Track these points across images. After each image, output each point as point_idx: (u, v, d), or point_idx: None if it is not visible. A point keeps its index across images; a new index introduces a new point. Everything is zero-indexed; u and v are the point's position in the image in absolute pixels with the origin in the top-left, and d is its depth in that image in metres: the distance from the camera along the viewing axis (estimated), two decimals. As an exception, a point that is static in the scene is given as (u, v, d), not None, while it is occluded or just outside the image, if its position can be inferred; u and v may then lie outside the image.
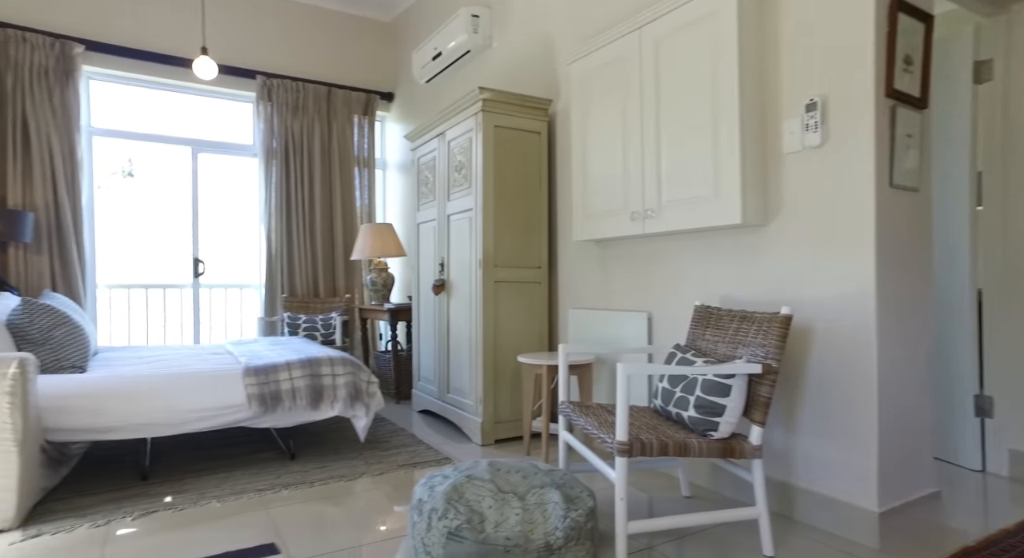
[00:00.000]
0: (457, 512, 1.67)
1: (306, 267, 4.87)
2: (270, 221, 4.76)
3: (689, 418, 1.90)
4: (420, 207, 3.81)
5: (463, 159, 3.23)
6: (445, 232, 3.44)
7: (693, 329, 2.25)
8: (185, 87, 4.56)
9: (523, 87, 3.54)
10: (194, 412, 2.44)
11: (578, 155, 2.88)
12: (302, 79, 4.85)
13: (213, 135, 4.76)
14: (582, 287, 3.10)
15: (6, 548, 1.87)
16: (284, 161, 4.79)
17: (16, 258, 3.85)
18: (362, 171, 5.18)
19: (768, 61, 2.18)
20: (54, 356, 2.46)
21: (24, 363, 1.99)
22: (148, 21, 4.33)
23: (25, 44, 3.88)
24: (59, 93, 3.99)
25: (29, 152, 3.91)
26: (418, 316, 3.84)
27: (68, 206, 3.99)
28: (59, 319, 2.51)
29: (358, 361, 2.90)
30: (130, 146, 4.49)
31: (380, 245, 4.45)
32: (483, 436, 3.05)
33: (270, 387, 2.59)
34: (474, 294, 3.12)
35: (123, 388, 2.35)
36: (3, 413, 1.94)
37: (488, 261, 3.06)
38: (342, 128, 5.04)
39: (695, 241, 2.48)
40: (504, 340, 3.12)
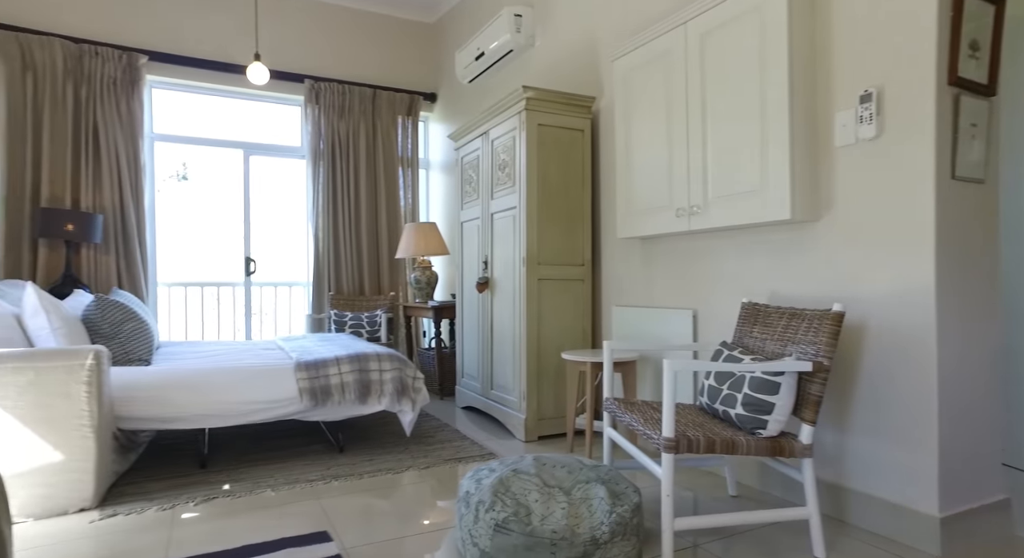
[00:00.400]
0: (504, 505, 1.69)
1: (352, 265, 4.99)
2: (317, 220, 4.90)
3: (736, 416, 1.87)
4: (464, 206, 3.86)
5: (507, 158, 3.26)
6: (489, 230, 3.48)
7: (740, 326, 2.21)
8: (238, 92, 4.74)
9: (566, 85, 3.55)
10: (250, 404, 2.54)
11: (622, 152, 2.87)
12: (348, 82, 4.97)
13: (263, 138, 4.94)
14: (626, 284, 3.09)
15: (86, 526, 2.00)
16: (331, 162, 4.92)
17: (87, 258, 4.08)
18: (406, 171, 5.27)
19: (819, 53, 2.13)
20: (123, 349, 2.61)
21: (99, 355, 2.12)
22: (205, 31, 4.52)
23: (97, 58, 4.11)
24: (125, 102, 4.21)
25: (99, 158, 4.14)
26: (462, 314, 3.90)
27: (132, 208, 4.21)
28: (128, 315, 2.65)
29: (404, 357, 2.96)
30: (185, 150, 4.70)
31: (424, 244, 4.53)
32: (526, 433, 3.07)
33: (320, 381, 2.68)
34: (518, 292, 3.15)
35: (185, 381, 2.47)
36: (81, 401, 2.07)
37: (532, 259, 3.08)
38: (386, 129, 5.15)
39: (741, 237, 2.44)
40: (547, 337, 3.14)
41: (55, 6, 4.09)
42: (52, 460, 2.05)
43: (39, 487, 2.04)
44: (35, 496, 2.04)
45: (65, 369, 2.05)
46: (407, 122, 5.27)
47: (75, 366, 2.07)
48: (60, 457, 2.06)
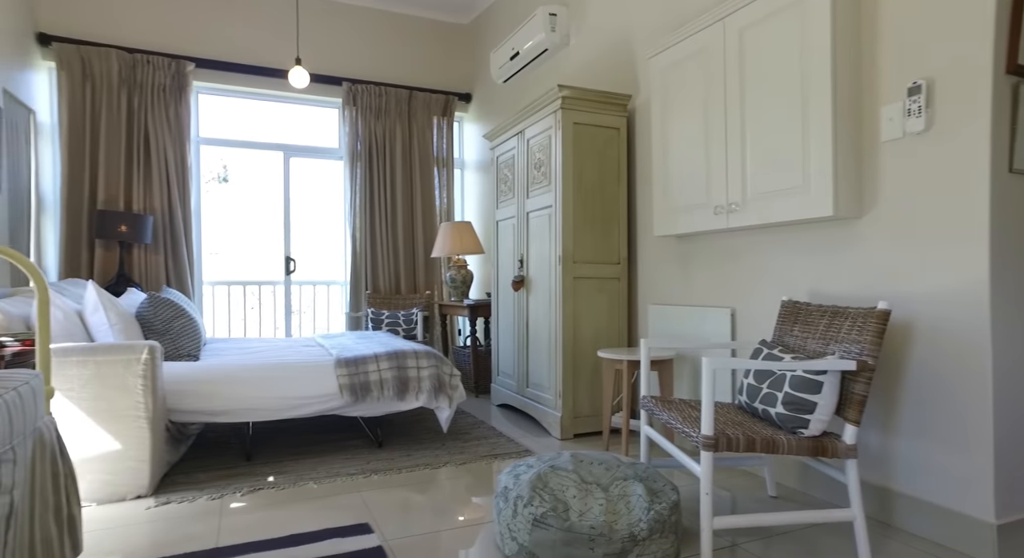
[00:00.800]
0: (542, 500, 1.71)
1: (388, 264, 5.07)
2: (354, 220, 5.00)
3: (777, 415, 1.85)
4: (499, 205, 3.89)
5: (542, 157, 3.27)
6: (524, 229, 3.50)
7: (780, 325, 2.18)
8: (278, 96, 4.87)
9: (601, 83, 3.54)
10: (292, 399, 2.62)
11: (658, 150, 2.85)
12: (385, 84, 5.06)
13: (303, 140, 5.06)
14: (662, 282, 3.07)
15: (143, 512, 2.09)
16: (367, 163, 5.02)
17: (139, 257, 4.25)
18: (441, 171, 5.34)
19: (864, 45, 2.08)
20: (174, 345, 2.72)
21: (153, 350, 2.22)
22: (248, 38, 4.66)
23: (149, 66, 4.28)
24: (174, 107, 4.38)
25: (150, 162, 4.31)
26: (497, 312, 3.93)
27: (180, 209, 4.37)
28: (178, 312, 2.76)
29: (441, 354, 3.01)
30: (228, 153, 4.86)
31: (459, 243, 4.58)
32: (562, 430, 3.08)
33: (360, 378, 2.74)
34: (553, 290, 3.16)
35: (231, 376, 2.56)
36: (137, 394, 2.18)
37: (567, 257, 3.09)
38: (422, 129, 5.22)
39: (781, 235, 2.40)
40: (583, 336, 3.14)
41: (112, 19, 4.28)
42: (112, 449, 2.15)
43: (101, 473, 2.15)
44: (97, 482, 2.14)
45: (122, 363, 2.16)
46: (442, 122, 5.33)
47: (131, 360, 2.17)
48: (119, 446, 2.16)
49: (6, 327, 2.25)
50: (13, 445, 1.34)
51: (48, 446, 1.54)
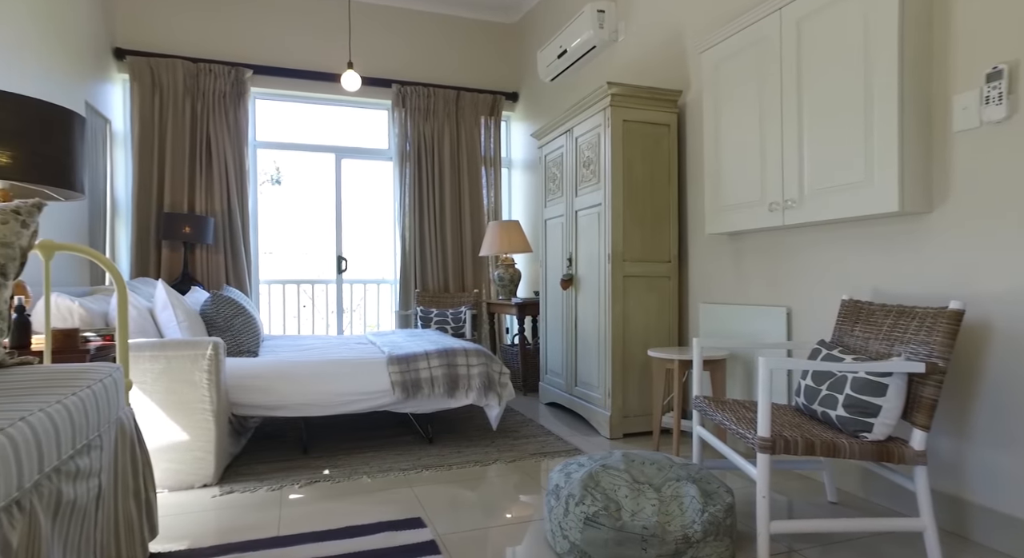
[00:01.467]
0: (594, 499, 1.71)
1: (437, 263, 5.14)
2: (404, 220, 5.09)
3: (837, 418, 1.78)
4: (547, 203, 3.89)
5: (591, 155, 3.25)
6: (573, 228, 3.49)
7: (840, 325, 2.10)
8: (330, 99, 5.01)
9: (650, 79, 3.49)
10: (346, 395, 2.69)
11: (710, 146, 2.79)
12: (433, 85, 5.13)
13: (354, 142, 5.18)
14: (714, 281, 3.01)
15: (209, 500, 2.20)
16: (416, 163, 5.10)
17: (201, 257, 4.45)
18: (488, 170, 5.37)
19: (936, 31, 1.98)
20: (235, 341, 2.84)
21: (217, 346, 2.32)
22: (302, 43, 4.81)
23: (210, 74, 4.48)
24: (233, 113, 4.56)
25: (211, 166, 4.51)
26: (545, 310, 3.93)
27: (238, 211, 4.55)
28: (238, 310, 2.88)
29: (490, 352, 3.03)
30: (282, 155, 5.03)
31: (507, 241, 4.60)
32: (611, 430, 3.06)
33: (411, 375, 2.79)
34: (603, 289, 3.14)
35: (288, 372, 2.65)
36: (202, 388, 2.28)
37: (617, 256, 3.06)
38: (469, 129, 5.26)
39: (841, 231, 2.31)
40: (633, 334, 3.11)
41: (179, 31, 4.49)
42: (181, 439, 2.27)
43: (171, 462, 2.26)
44: (168, 470, 2.26)
45: (190, 358, 2.27)
46: (489, 122, 5.36)
47: (197, 356, 2.28)
48: (187, 437, 2.27)
49: (89, 323, 2.39)
50: (100, 432, 1.43)
51: (128, 434, 1.63)
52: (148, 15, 4.44)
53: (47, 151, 1.89)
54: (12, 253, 1.55)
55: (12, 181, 1.83)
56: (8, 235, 1.54)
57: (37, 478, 1.09)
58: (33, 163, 1.86)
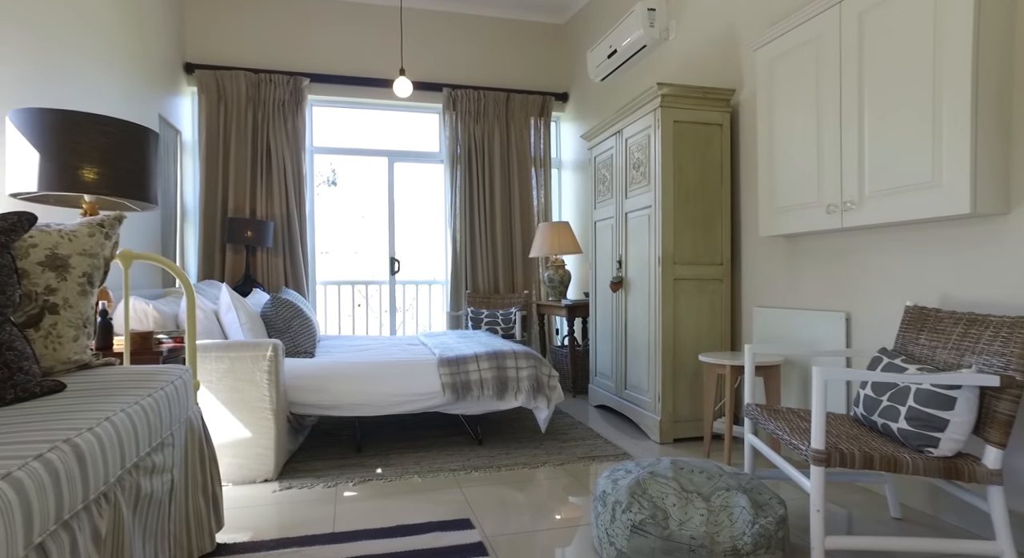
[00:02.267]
0: (641, 507, 1.70)
1: (487, 264, 5.20)
2: (454, 222, 5.16)
3: (899, 431, 1.71)
4: (597, 205, 3.87)
5: (641, 156, 3.22)
6: (623, 230, 3.46)
7: (904, 332, 2.01)
8: (383, 104, 5.13)
9: (702, 78, 3.42)
10: (397, 396, 2.76)
11: (764, 146, 2.72)
12: (483, 87, 5.18)
13: (406, 145, 5.30)
14: (768, 284, 2.93)
15: (270, 495, 2.31)
16: (467, 165, 5.16)
17: (262, 260, 4.66)
18: (538, 171, 5.39)
19: (1019, 19, 1.87)
20: (292, 342, 2.96)
21: (276, 348, 2.43)
22: (357, 52, 4.96)
23: (270, 84, 4.68)
24: (292, 120, 4.75)
25: (271, 172, 4.71)
26: (595, 312, 3.91)
27: (296, 215, 4.73)
28: (296, 312, 3.01)
29: (539, 355, 3.05)
30: (337, 160, 5.19)
31: (557, 243, 4.60)
32: (661, 434, 3.03)
33: (461, 377, 2.84)
34: (653, 292, 3.10)
35: (342, 373, 2.75)
36: (263, 387, 2.40)
37: (667, 259, 3.02)
38: (519, 130, 5.29)
39: (905, 234, 2.21)
40: (684, 338, 3.06)
41: (240, 44, 4.71)
42: (244, 436, 2.39)
43: (235, 457, 2.39)
44: (233, 465, 2.39)
45: (251, 359, 2.38)
46: (539, 123, 5.37)
47: (259, 356, 2.39)
48: (249, 434, 2.39)
49: (161, 325, 2.55)
50: (172, 431, 1.53)
51: (196, 433, 1.74)
52: (215, 31, 4.67)
53: (126, 166, 2.03)
54: (97, 263, 1.68)
55: (98, 195, 1.98)
56: (94, 247, 1.66)
57: (120, 473, 1.19)
58: (115, 178, 2.00)
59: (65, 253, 1.60)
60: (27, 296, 1.55)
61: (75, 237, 1.64)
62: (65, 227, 1.66)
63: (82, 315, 1.62)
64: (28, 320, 1.54)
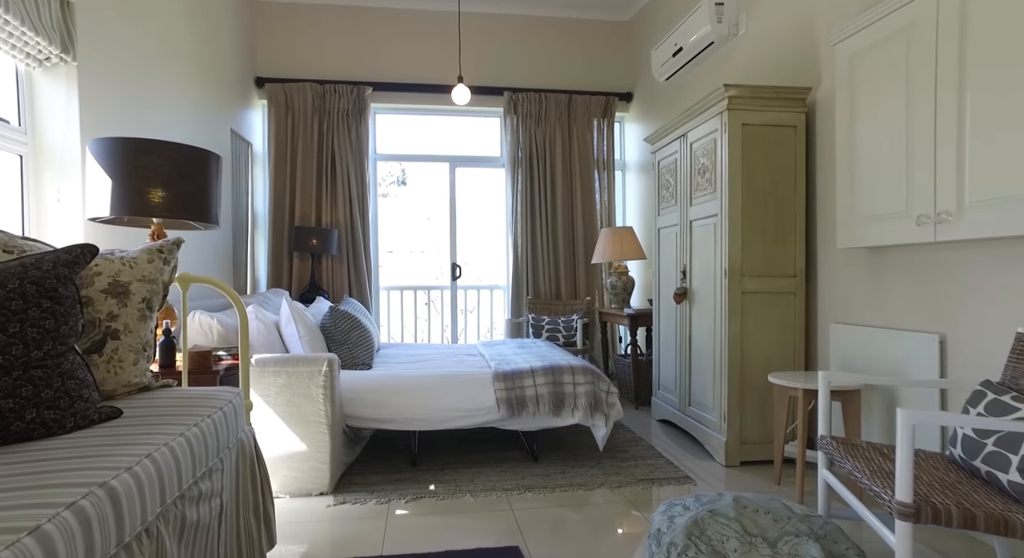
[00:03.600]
0: (698, 551, 1.58)
1: (549, 270, 5.11)
2: (515, 227, 5.11)
3: (1010, 484, 1.50)
4: (660, 211, 3.71)
5: (706, 162, 3.04)
6: (687, 238, 3.29)
7: (1015, 364, 1.77)
8: (444, 110, 5.14)
9: (774, 76, 3.19)
10: (451, 411, 2.74)
11: (843, 149, 2.49)
12: (544, 90, 5.09)
13: (467, 150, 5.29)
14: (848, 300, 2.69)
15: (324, 509, 2.34)
16: (528, 169, 5.09)
17: (327, 267, 4.78)
18: (601, 174, 5.24)
19: None
20: (350, 354, 3.00)
21: (331, 363, 2.45)
22: (418, 59, 4.99)
23: (335, 94, 4.79)
24: (355, 128, 4.84)
25: (335, 180, 4.82)
26: (658, 322, 3.75)
27: (359, 222, 4.82)
28: (354, 324, 3.04)
29: (598, 370, 2.94)
30: (400, 167, 5.25)
31: (620, 248, 4.46)
32: (727, 456, 2.85)
33: (516, 392, 2.78)
34: (718, 305, 2.92)
35: (397, 387, 2.75)
36: (319, 402, 2.43)
37: (735, 270, 2.83)
38: (582, 132, 5.17)
39: (1014, 248, 1.95)
40: (752, 355, 2.86)
41: (306, 57, 4.85)
42: (300, 449, 2.43)
43: (292, 471, 2.43)
44: (289, 478, 2.44)
45: (307, 374, 2.42)
46: (602, 124, 5.23)
47: (314, 372, 2.42)
48: (305, 448, 2.43)
49: (225, 338, 2.64)
50: (221, 456, 1.55)
51: (248, 453, 1.77)
52: (283, 46, 4.82)
53: (189, 189, 2.10)
54: (156, 288, 1.73)
55: (163, 217, 2.05)
56: (153, 272, 1.72)
57: (160, 509, 1.20)
58: (177, 201, 2.07)
59: (126, 280, 1.66)
60: (91, 323, 1.61)
61: (135, 264, 1.69)
62: (127, 254, 1.72)
63: (142, 339, 1.68)
64: (92, 345, 1.61)
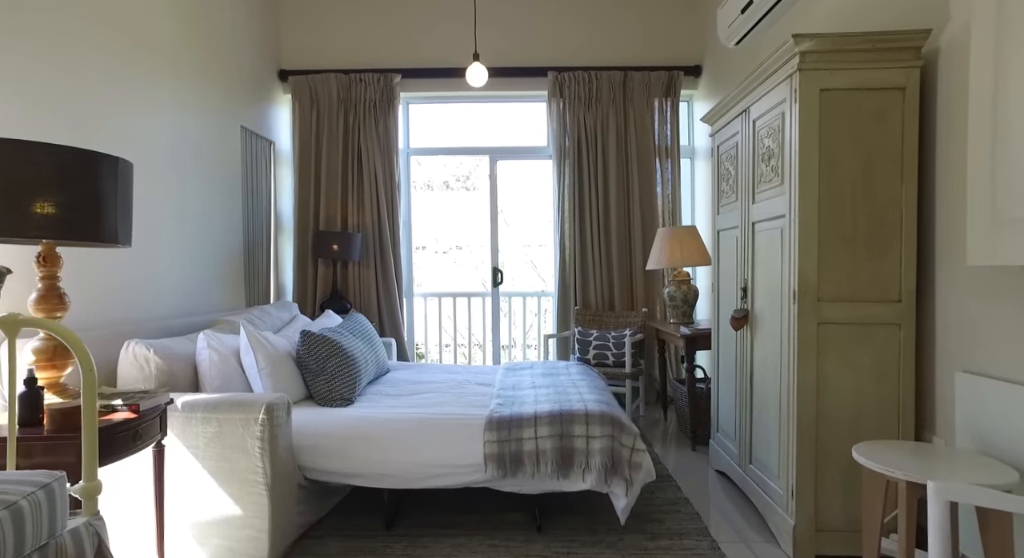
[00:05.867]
0: None
1: (600, 276, 4.44)
2: (563, 226, 4.48)
3: None
4: (720, 209, 2.95)
5: (772, 144, 2.28)
6: (748, 245, 2.54)
7: None
8: (482, 96, 4.59)
9: (873, 20, 2.35)
10: (429, 467, 2.20)
11: (983, 119, 1.66)
12: (594, 67, 4.40)
13: (509, 141, 4.71)
14: (985, 340, 1.85)
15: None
16: (577, 159, 4.44)
17: (353, 273, 4.40)
18: (663, 163, 4.49)
19: None
20: (327, 387, 2.54)
21: (272, 408, 1.99)
22: (449, 40, 4.46)
23: (360, 84, 4.38)
24: (383, 121, 4.40)
25: (362, 179, 4.42)
26: (717, 345, 3.01)
27: (388, 224, 4.39)
28: (333, 350, 2.58)
29: (623, 419, 2.29)
30: (433, 161, 4.76)
31: (678, 252, 3.73)
32: (796, 546, 2.10)
33: (511, 446, 2.19)
34: (786, 337, 2.17)
35: (369, 432, 2.25)
36: (253, 458, 1.98)
37: (808, 292, 2.07)
38: (640, 115, 4.43)
39: None
40: (833, 410, 2.09)
41: (330, 46, 4.47)
42: (234, 514, 1.99)
43: (225, 539, 2.01)
44: (222, 548, 2.01)
45: (242, 422, 1.97)
46: (664, 104, 4.46)
47: (249, 419, 1.97)
48: (239, 512, 1.99)
49: (169, 375, 2.23)
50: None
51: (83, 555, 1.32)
52: (306, 35, 4.47)
53: (64, 200, 1.68)
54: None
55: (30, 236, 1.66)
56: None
57: None
58: (62, 215, 1.66)
59: (-89, 328, 1.26)
60: None
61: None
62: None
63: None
64: None
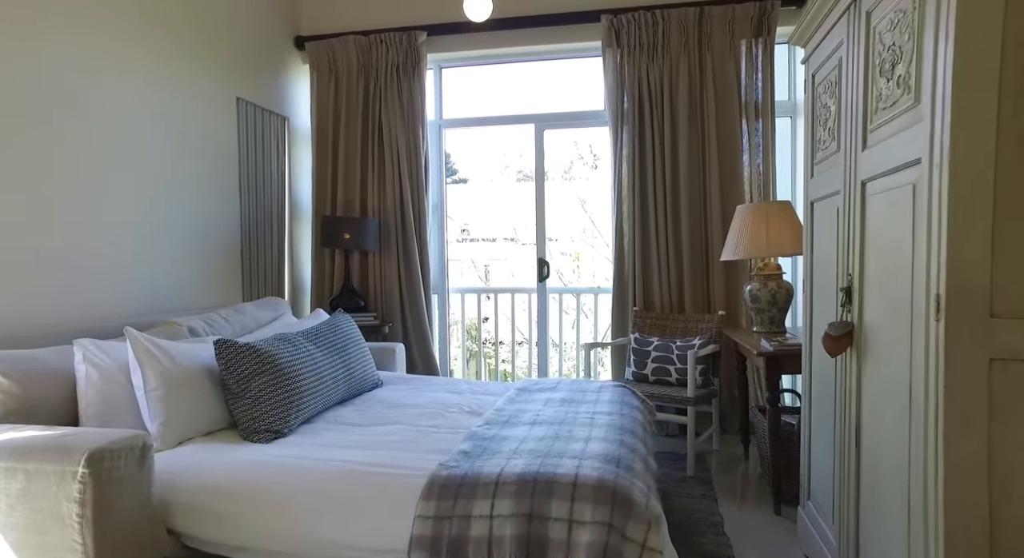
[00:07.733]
0: None
1: (665, 270, 3.53)
2: (620, 207, 3.61)
3: None
4: (814, 168, 2.00)
5: (899, 43, 1.33)
6: (856, 219, 1.59)
7: None
8: (523, 53, 3.81)
9: None
10: (336, 548, 1.50)
11: None
12: (659, 5, 3.47)
13: (558, 107, 3.89)
14: None
15: None
16: (638, 124, 3.54)
17: (373, 263, 3.82)
18: (752, 125, 3.47)
19: None
20: (250, 414, 1.92)
21: (95, 459, 1.38)
22: (480, -16, 3.72)
23: (382, 45, 3.77)
24: (407, 88, 3.77)
25: (383, 156, 3.82)
26: (809, 369, 2.06)
27: (412, 209, 3.76)
28: (259, 367, 1.95)
29: (632, 495, 1.46)
30: (469, 134, 4.05)
31: (763, 236, 2.78)
32: None
33: (452, 527, 1.44)
34: (922, 374, 1.23)
35: (265, 488, 1.59)
36: (72, 528, 1.38)
37: (969, 298, 1.12)
38: (720, 63, 3.45)
39: None
40: (1017, 515, 1.13)
41: (347, 6, 3.90)
42: (54, 603, 1.42)
43: (47, 635, 1.44)
44: (41, 648, 1.44)
45: (55, 476, 1.38)
46: (754, 47, 3.44)
47: (64, 474, 1.38)
48: (59, 602, 1.41)
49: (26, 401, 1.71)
50: None
51: None
52: None
53: None
54: None
55: None
56: None
57: None
58: None
59: None
60: None
61: None
62: None
63: None
64: None
